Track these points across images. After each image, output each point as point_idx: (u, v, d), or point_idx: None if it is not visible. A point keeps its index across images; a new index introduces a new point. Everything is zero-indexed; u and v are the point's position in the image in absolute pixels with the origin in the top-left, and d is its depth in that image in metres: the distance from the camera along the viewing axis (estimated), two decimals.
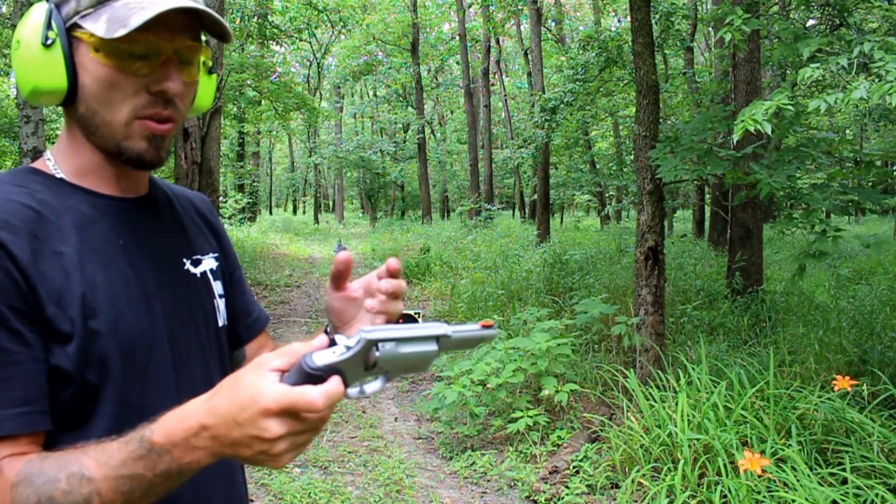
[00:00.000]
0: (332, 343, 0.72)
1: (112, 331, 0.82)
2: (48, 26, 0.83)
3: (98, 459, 0.71)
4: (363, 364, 0.72)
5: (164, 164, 0.92)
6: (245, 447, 0.67)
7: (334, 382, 0.68)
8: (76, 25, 0.83)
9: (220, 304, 1.03)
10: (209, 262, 1.02)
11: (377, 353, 0.71)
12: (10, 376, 0.75)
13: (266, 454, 0.67)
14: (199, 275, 0.99)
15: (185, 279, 0.97)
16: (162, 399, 0.86)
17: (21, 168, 0.90)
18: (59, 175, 0.89)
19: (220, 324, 1.02)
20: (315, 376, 0.68)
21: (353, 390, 0.75)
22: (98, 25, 0.81)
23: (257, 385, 0.66)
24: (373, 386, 0.77)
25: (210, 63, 0.99)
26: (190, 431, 0.69)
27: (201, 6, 0.86)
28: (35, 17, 0.84)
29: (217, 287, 1.03)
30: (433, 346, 0.76)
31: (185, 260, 0.98)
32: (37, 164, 0.91)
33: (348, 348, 0.70)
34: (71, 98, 0.86)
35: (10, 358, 0.75)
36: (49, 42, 0.83)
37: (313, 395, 0.65)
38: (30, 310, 0.77)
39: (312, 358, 0.69)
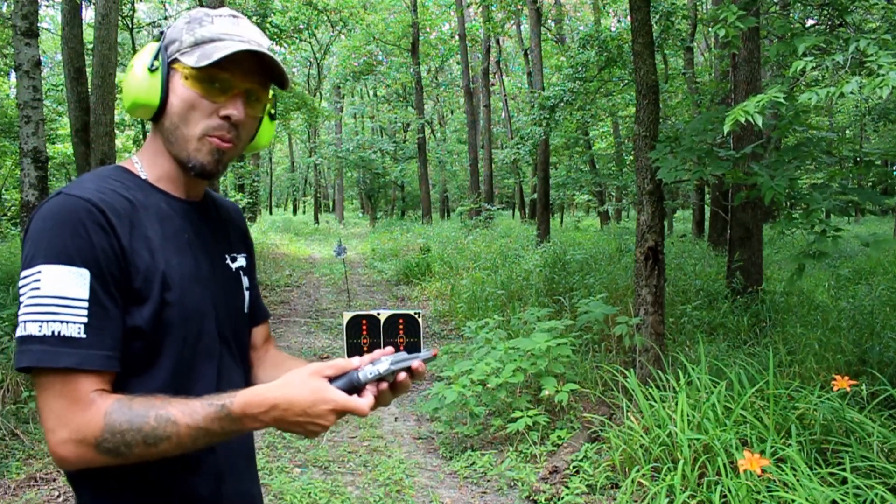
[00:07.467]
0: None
1: (179, 302, 1.07)
2: (156, 57, 1.12)
3: (183, 411, 0.96)
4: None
5: (219, 176, 1.17)
6: (300, 427, 0.98)
7: (370, 397, 1.01)
8: (176, 60, 1.11)
9: (247, 295, 1.28)
10: (241, 261, 1.28)
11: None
12: (104, 327, 0.99)
13: (311, 431, 0.99)
14: (234, 269, 1.25)
15: (227, 271, 1.23)
16: (206, 363, 1.13)
17: (115, 166, 1.15)
18: (144, 176, 1.14)
19: (245, 311, 1.28)
20: (357, 387, 1.01)
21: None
22: (191, 58, 1.09)
23: (327, 390, 0.98)
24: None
25: (273, 111, 1.25)
26: (262, 408, 0.97)
27: (266, 51, 1.11)
28: (148, 50, 1.13)
29: (245, 281, 1.28)
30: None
31: (226, 256, 1.24)
32: (125, 164, 1.16)
33: (383, 370, 1.03)
34: (159, 113, 1.12)
35: (108, 314, 1.00)
36: (154, 68, 1.11)
37: (363, 404, 0.99)
38: (123, 279, 1.02)
39: (360, 374, 1.02)
